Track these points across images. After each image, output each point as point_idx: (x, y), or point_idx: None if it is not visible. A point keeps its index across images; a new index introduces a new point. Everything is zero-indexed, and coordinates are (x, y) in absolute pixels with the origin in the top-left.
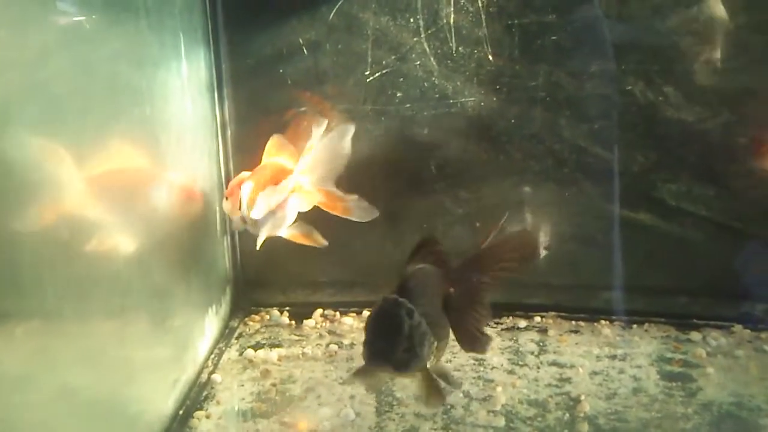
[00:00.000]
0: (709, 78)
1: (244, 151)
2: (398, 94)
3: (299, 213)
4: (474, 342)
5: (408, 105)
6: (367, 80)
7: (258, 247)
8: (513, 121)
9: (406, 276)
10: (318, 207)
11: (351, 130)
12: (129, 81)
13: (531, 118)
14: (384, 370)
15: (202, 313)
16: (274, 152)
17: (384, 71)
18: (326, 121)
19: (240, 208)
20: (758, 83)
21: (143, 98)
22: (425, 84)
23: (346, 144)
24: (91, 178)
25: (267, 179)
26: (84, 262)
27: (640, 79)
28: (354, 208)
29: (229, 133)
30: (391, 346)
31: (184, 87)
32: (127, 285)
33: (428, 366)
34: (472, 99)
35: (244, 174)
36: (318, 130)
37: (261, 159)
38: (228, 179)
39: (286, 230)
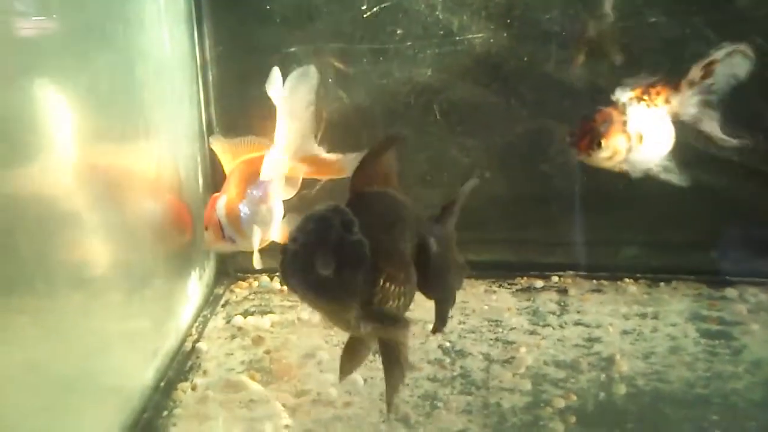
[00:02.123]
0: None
1: (227, 97)
2: (398, 31)
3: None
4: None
5: (409, 43)
6: (364, 16)
7: (257, 265)
8: (525, 59)
9: (359, 191)
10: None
11: (309, 72)
12: None
13: (545, 56)
14: (297, 291)
15: (184, 279)
16: (233, 155)
17: (382, 5)
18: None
19: (222, 230)
20: None
21: (115, 17)
22: (428, 19)
23: (308, 91)
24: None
25: (243, 184)
26: (46, 228)
27: (665, 11)
28: (345, 165)
29: (210, 76)
30: (309, 258)
31: (161, 16)
32: (95, 251)
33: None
34: (480, 35)
35: (215, 195)
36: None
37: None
38: (210, 130)
39: (278, 230)
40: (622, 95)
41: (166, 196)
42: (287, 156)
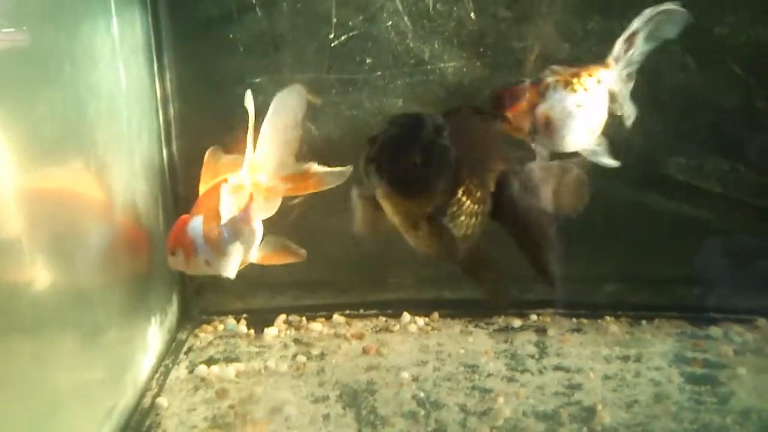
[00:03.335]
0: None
1: (190, 131)
2: (368, 61)
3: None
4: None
5: (379, 73)
6: (332, 45)
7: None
8: None
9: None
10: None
11: (297, 91)
12: (43, 36)
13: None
14: (383, 186)
15: (144, 324)
16: (214, 173)
17: (350, 34)
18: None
19: (194, 252)
20: None
21: (63, 55)
22: (398, 48)
23: (297, 110)
24: None
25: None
26: None
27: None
28: (326, 178)
29: (171, 109)
30: (399, 149)
31: (116, 49)
32: (46, 294)
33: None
34: (453, 64)
35: (185, 216)
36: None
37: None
38: (172, 166)
39: (257, 251)
40: (549, 77)
41: (122, 231)
42: (266, 172)
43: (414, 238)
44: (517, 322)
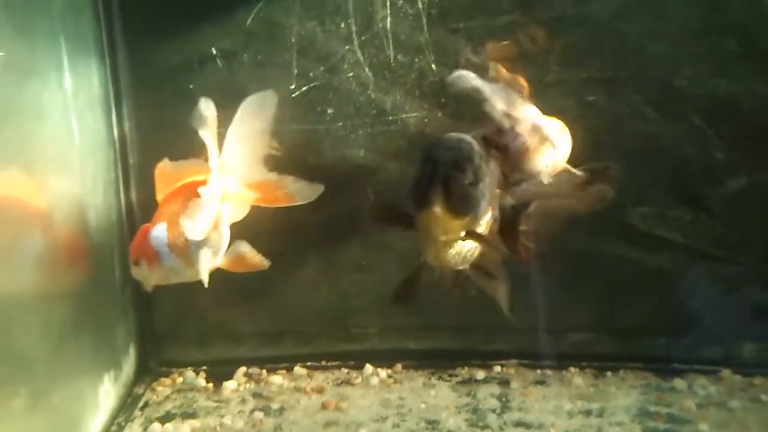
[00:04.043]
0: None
1: (150, 180)
2: (329, 111)
3: None
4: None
5: (340, 123)
6: (293, 95)
7: (206, 284)
8: None
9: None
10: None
11: (266, 96)
12: None
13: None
14: (438, 201)
15: (95, 380)
16: (170, 181)
17: (311, 85)
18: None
19: (158, 261)
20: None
21: (6, 113)
22: (360, 98)
23: (266, 115)
24: None
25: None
26: None
27: (603, 89)
28: (296, 192)
29: (131, 160)
30: (455, 175)
31: (68, 103)
32: None
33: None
34: (415, 115)
35: (146, 226)
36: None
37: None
38: (130, 216)
39: (222, 257)
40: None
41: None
42: (236, 177)
43: (445, 259)
44: (480, 374)
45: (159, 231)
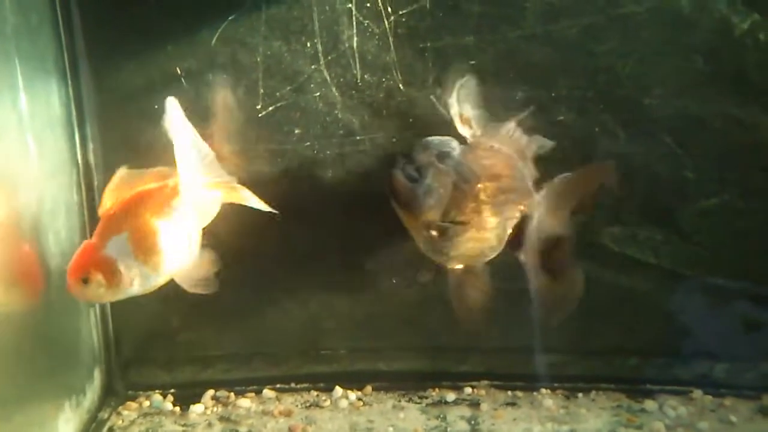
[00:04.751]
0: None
1: None
2: (296, 131)
3: None
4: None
5: (308, 143)
6: (259, 115)
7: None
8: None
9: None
10: None
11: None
12: None
13: None
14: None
15: (56, 408)
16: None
17: (278, 104)
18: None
19: (121, 272)
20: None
21: None
22: (327, 118)
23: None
24: None
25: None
26: None
27: (572, 108)
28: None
29: (96, 181)
30: (396, 173)
31: (24, 124)
32: None
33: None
34: (382, 134)
35: (90, 242)
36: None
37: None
38: None
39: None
40: None
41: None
42: (198, 182)
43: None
44: (451, 396)
45: (118, 242)
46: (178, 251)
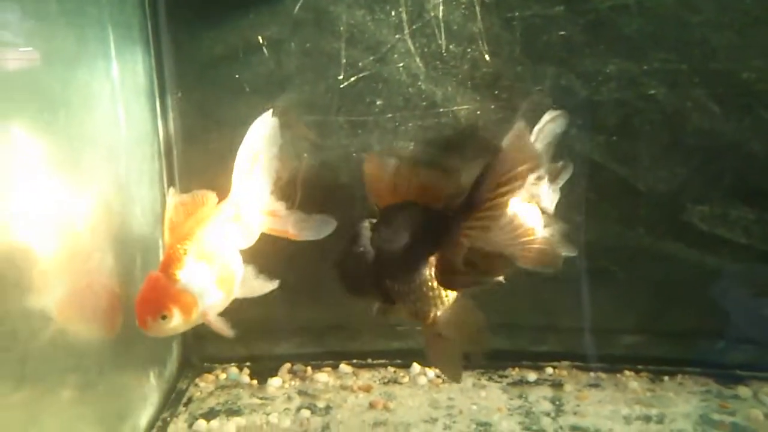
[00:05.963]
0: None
1: (193, 174)
2: (378, 102)
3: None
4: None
5: (390, 115)
6: (341, 86)
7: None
8: None
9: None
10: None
11: (266, 122)
12: (30, 79)
13: None
14: None
15: (141, 375)
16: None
17: (360, 75)
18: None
19: (197, 302)
20: None
21: (54, 102)
22: (410, 90)
23: (266, 142)
24: None
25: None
26: None
27: (664, 82)
28: (304, 228)
29: (175, 152)
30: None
31: (116, 93)
32: (30, 346)
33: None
34: (466, 107)
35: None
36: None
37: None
38: None
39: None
40: None
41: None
42: (243, 207)
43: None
44: (532, 376)
45: (193, 270)
46: (241, 272)
